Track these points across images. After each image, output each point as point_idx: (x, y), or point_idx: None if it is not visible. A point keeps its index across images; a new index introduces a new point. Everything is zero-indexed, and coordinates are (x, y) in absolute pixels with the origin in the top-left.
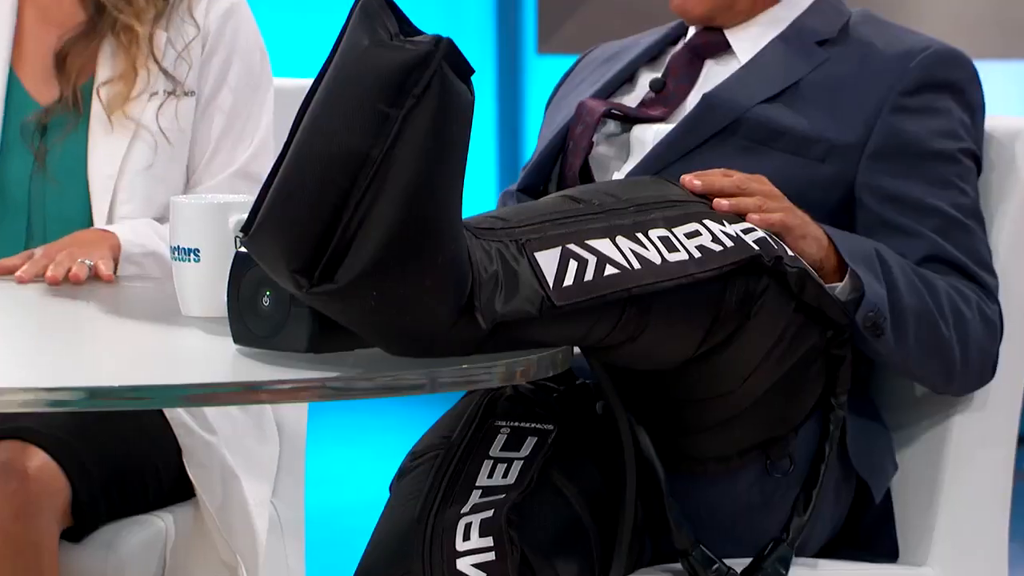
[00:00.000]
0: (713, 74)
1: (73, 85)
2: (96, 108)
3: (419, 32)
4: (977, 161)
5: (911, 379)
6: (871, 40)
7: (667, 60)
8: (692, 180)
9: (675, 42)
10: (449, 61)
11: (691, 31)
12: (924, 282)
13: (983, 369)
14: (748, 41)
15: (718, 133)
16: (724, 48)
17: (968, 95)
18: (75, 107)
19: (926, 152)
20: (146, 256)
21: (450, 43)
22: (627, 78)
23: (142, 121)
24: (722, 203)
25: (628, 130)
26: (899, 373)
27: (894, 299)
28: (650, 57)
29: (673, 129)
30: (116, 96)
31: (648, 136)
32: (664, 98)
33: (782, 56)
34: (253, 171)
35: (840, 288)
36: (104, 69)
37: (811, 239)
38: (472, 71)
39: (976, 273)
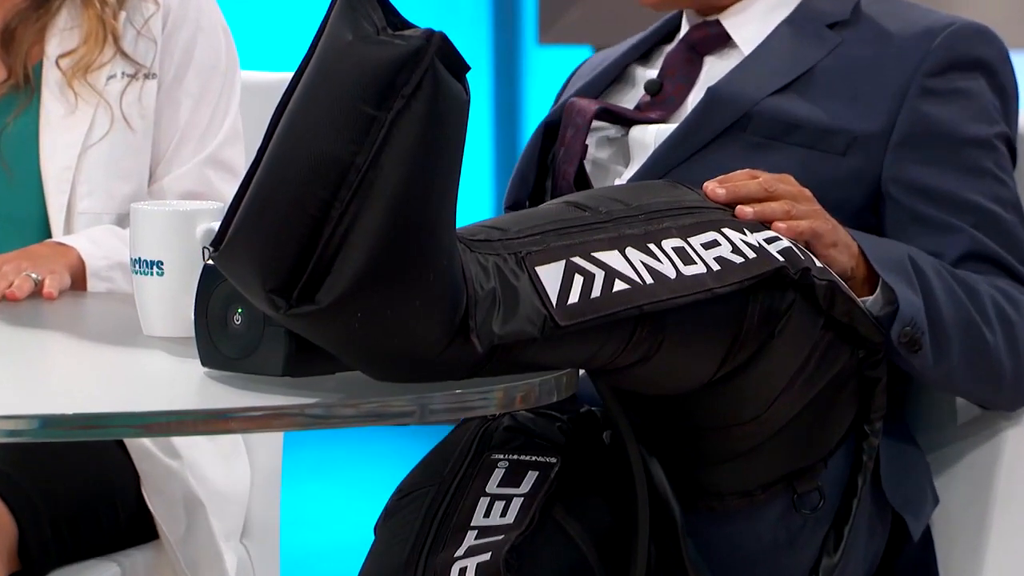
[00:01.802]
0: (715, 71)
1: (24, 62)
2: (50, 87)
3: (408, 25)
4: (1012, 147)
5: (955, 395)
6: (888, 19)
7: (662, 59)
8: (715, 188)
9: (668, 38)
10: (442, 57)
11: (684, 26)
12: (964, 287)
13: None
14: (750, 30)
15: (726, 130)
16: (724, 41)
17: (999, 75)
18: (27, 85)
19: (959, 139)
20: (113, 268)
21: (443, 37)
22: (616, 75)
23: (104, 94)
24: (746, 211)
25: (626, 132)
26: (940, 390)
27: (932, 310)
28: (640, 53)
29: (676, 128)
30: (78, 64)
31: (648, 137)
32: (661, 101)
33: (790, 42)
34: (224, 158)
35: (872, 301)
36: (56, 44)
37: (841, 246)
38: (468, 68)
39: (1021, 272)
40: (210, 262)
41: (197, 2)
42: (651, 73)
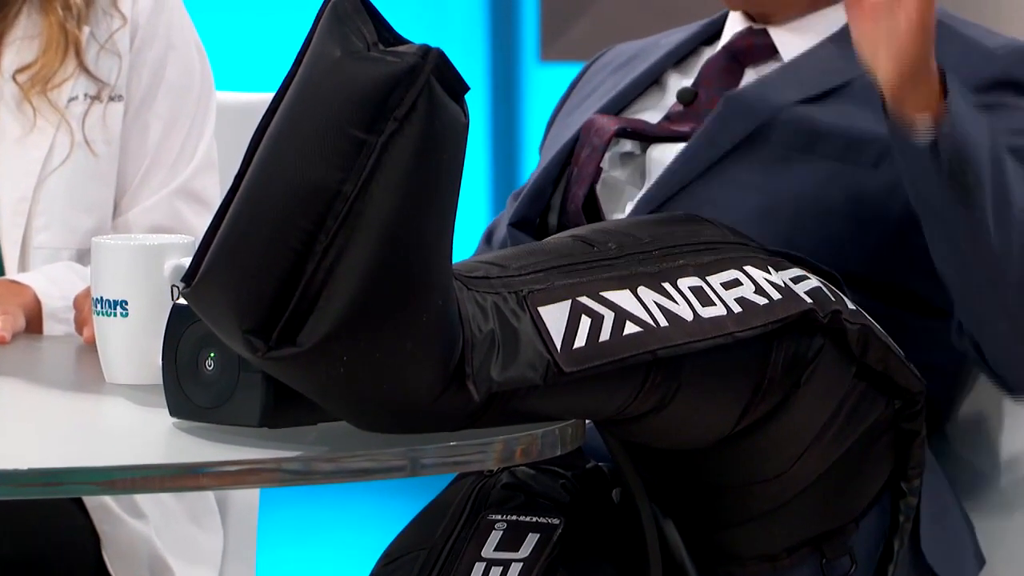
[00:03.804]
0: None
1: None
2: (6, 102)
3: (402, 40)
4: None
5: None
6: (944, 40)
7: (699, 64)
8: None
9: (709, 43)
10: (439, 76)
11: (727, 32)
12: None
13: None
14: (797, 44)
15: (745, 141)
16: (770, 53)
17: None
18: None
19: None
20: (72, 309)
21: (440, 55)
22: (651, 83)
23: (67, 114)
24: None
25: (645, 150)
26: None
27: (996, 170)
28: (678, 58)
29: (691, 140)
30: (37, 76)
31: (668, 158)
32: (695, 112)
33: (830, 56)
34: (196, 189)
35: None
36: (13, 56)
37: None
38: (467, 88)
39: None
40: (179, 302)
41: (168, 17)
42: (686, 81)
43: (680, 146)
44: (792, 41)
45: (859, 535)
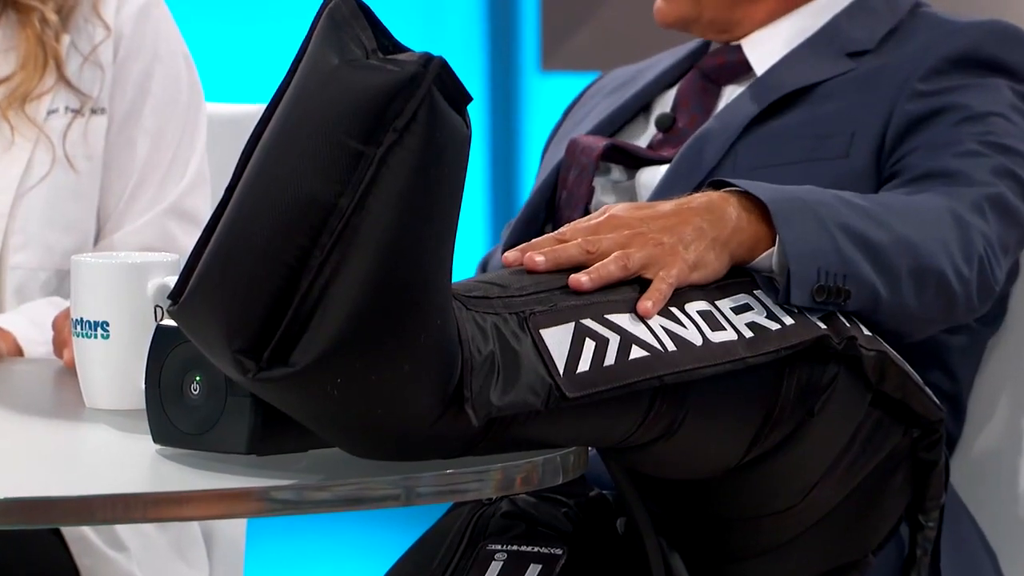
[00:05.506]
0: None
1: None
2: None
3: (401, 48)
4: None
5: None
6: (917, 31)
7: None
8: (533, 257)
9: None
10: (441, 86)
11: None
12: (875, 203)
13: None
14: (768, 53)
15: (717, 167)
16: (744, 69)
17: None
18: None
19: (962, 117)
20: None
21: (442, 63)
22: (639, 109)
23: (46, 128)
24: (581, 280)
25: (633, 175)
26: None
27: (863, 239)
28: (668, 83)
29: (665, 172)
30: (15, 92)
31: (656, 181)
32: (675, 137)
33: (801, 61)
34: (188, 208)
35: (775, 257)
36: None
37: (708, 258)
38: (469, 99)
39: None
40: (163, 322)
41: (154, 27)
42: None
43: (666, 169)
44: (765, 54)
45: (875, 570)
